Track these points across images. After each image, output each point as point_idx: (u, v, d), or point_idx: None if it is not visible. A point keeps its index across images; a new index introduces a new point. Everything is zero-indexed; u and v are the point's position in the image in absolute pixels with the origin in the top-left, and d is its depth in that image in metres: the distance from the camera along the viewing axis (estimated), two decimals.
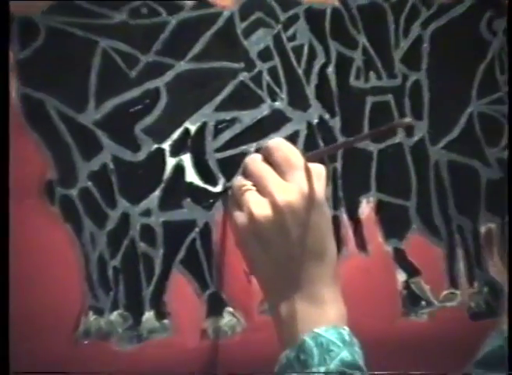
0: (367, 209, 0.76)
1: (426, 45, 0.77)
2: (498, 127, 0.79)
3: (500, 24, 0.77)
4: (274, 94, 0.73)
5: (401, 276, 0.77)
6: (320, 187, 0.57)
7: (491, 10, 0.77)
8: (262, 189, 0.56)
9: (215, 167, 0.71)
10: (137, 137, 0.69)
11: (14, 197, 0.62)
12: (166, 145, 0.70)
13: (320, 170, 0.58)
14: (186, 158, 0.70)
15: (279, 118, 0.73)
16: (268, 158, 0.58)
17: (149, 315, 0.69)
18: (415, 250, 0.77)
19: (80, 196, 0.68)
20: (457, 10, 0.77)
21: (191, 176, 0.70)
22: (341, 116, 0.75)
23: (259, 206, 0.55)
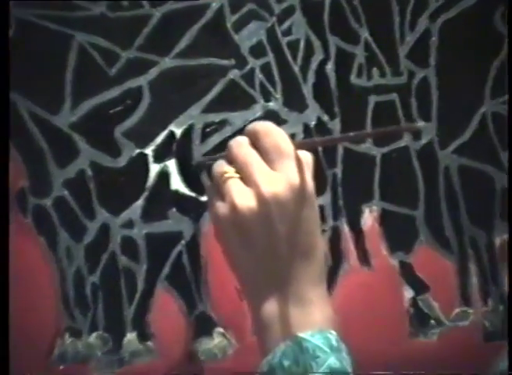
0: (369, 219, 0.75)
1: (435, 39, 0.75)
2: None
3: None
4: (267, 93, 0.72)
5: (408, 292, 0.76)
6: (310, 179, 0.54)
7: (506, 0, 0.75)
8: (247, 177, 0.54)
9: (203, 174, 0.69)
10: (118, 141, 0.68)
11: None
12: (149, 150, 0.69)
13: (307, 159, 0.55)
14: (171, 164, 0.69)
15: (273, 120, 0.64)
16: (256, 143, 0.55)
17: (131, 336, 0.68)
18: (423, 264, 0.76)
19: (55, 206, 0.67)
20: (469, 1, 0.76)
21: (177, 183, 0.69)
22: (341, 118, 0.73)
23: (243, 196, 0.53)
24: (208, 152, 0.70)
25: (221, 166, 0.55)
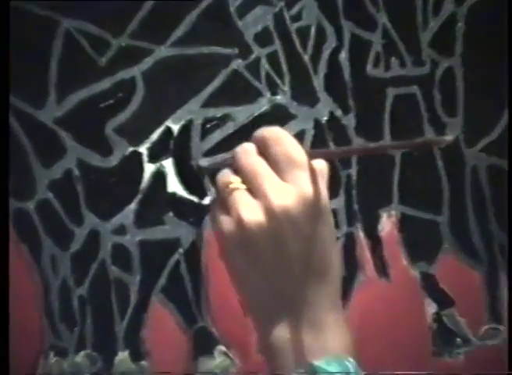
0: (388, 225, 0.74)
1: (461, 25, 0.75)
2: None
3: None
4: (274, 85, 0.71)
5: (431, 307, 0.75)
6: (325, 191, 0.52)
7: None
8: (255, 189, 0.52)
9: (203, 175, 0.68)
10: (109, 138, 0.67)
11: None
12: (144, 148, 0.68)
13: (322, 167, 0.53)
14: (167, 163, 0.68)
15: (281, 115, 0.71)
16: (265, 151, 0.53)
17: (123, 355, 0.68)
18: (448, 275, 0.75)
19: (39, 210, 0.66)
20: None
21: (174, 185, 0.68)
22: (356, 113, 0.73)
23: (250, 210, 0.51)
24: (210, 151, 0.69)
25: (226, 176, 0.53)
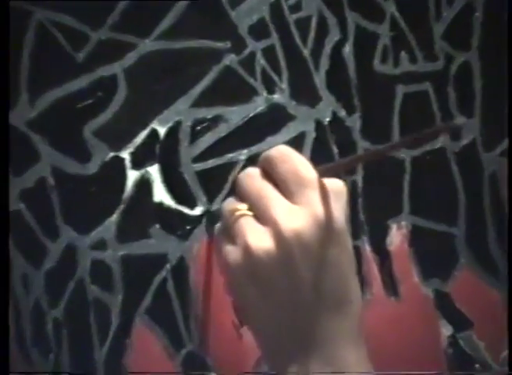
0: (397, 238, 0.73)
1: (478, 15, 0.74)
2: None
3: None
4: (271, 83, 0.69)
5: (446, 329, 0.74)
6: (340, 212, 0.52)
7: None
8: (262, 214, 0.52)
9: (193, 182, 0.67)
10: (87, 143, 0.65)
11: None
12: (126, 153, 0.66)
13: (339, 187, 0.53)
14: (153, 170, 0.66)
15: (279, 115, 0.69)
16: (270, 172, 0.54)
17: None
18: (465, 294, 0.74)
19: (10, 222, 0.63)
20: None
21: (160, 194, 0.66)
22: (361, 113, 0.72)
23: (258, 237, 0.51)
24: (201, 156, 0.67)
25: (231, 204, 0.54)
